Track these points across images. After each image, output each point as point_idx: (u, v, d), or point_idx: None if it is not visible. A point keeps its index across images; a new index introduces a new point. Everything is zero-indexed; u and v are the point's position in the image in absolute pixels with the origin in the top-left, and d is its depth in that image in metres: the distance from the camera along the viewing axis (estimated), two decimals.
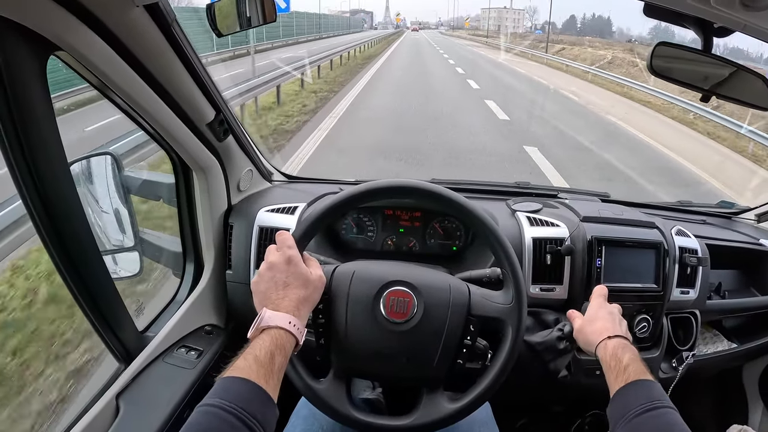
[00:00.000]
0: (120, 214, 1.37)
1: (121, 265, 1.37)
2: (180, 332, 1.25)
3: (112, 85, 0.87)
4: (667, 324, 1.35)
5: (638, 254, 1.29)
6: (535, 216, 1.33)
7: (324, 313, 0.94)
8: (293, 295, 0.84)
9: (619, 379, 0.87)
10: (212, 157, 1.22)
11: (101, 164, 1.37)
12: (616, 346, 0.93)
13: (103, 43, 0.79)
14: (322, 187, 1.53)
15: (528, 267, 1.26)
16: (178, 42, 0.91)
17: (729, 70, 0.95)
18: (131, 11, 0.79)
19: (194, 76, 1.00)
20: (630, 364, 0.88)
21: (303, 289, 0.85)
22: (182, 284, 1.34)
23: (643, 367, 0.88)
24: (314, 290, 0.87)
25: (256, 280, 0.87)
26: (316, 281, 0.88)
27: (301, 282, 0.85)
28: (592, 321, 1.03)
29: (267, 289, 0.85)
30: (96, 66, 0.81)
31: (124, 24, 0.80)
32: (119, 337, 1.09)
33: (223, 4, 0.96)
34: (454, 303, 0.94)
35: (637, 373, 0.86)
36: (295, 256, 0.87)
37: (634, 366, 0.87)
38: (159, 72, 0.92)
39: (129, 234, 1.33)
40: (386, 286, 0.94)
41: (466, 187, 1.64)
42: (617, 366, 0.89)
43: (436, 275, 1.01)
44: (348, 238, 1.42)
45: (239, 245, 1.33)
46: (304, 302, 0.85)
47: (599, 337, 0.97)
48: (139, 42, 0.85)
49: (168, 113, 1.00)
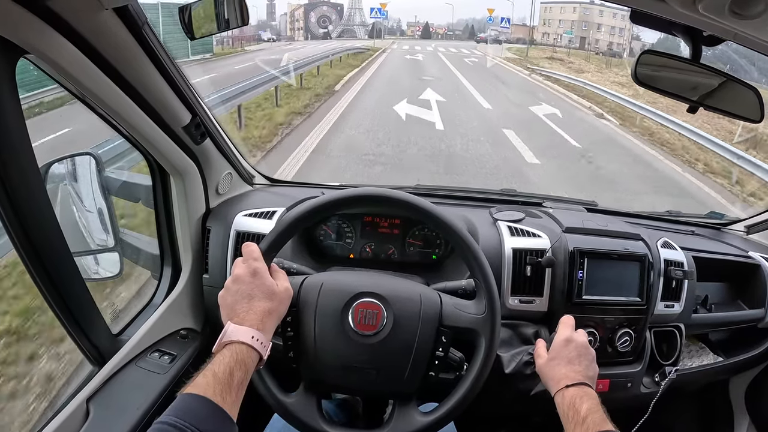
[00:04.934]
0: (100, 214, 1.36)
1: (101, 265, 1.37)
2: (155, 336, 1.24)
3: (82, 89, 0.86)
4: (650, 338, 1.33)
5: (622, 267, 1.26)
6: (516, 226, 1.31)
7: (292, 326, 0.93)
8: (258, 308, 0.83)
9: (577, 430, 0.84)
10: (189, 161, 1.20)
11: (81, 164, 1.36)
12: (574, 395, 0.90)
13: (72, 46, 0.78)
14: (303, 191, 1.52)
15: (507, 278, 1.24)
16: (150, 45, 0.89)
17: (718, 80, 0.94)
18: (100, 14, 0.78)
19: (168, 79, 0.99)
20: (588, 415, 0.85)
21: (268, 302, 0.84)
22: (159, 287, 1.33)
23: (602, 416, 0.86)
24: (280, 303, 0.87)
25: (223, 294, 0.87)
26: (281, 293, 0.87)
27: (266, 294, 0.85)
28: (554, 362, 0.99)
29: (233, 302, 0.84)
30: (65, 70, 0.80)
31: (93, 27, 0.79)
32: (92, 340, 1.08)
33: (200, 7, 0.95)
34: (425, 314, 0.93)
35: (597, 423, 0.84)
36: (261, 269, 0.86)
37: (594, 416, 0.85)
38: (131, 75, 0.91)
39: (109, 235, 1.32)
40: (355, 297, 0.93)
41: (449, 194, 1.63)
42: (575, 417, 0.86)
43: (407, 285, 0.99)
44: (326, 245, 1.40)
45: (216, 249, 1.31)
46: (269, 315, 0.84)
47: (557, 384, 0.94)
48: (110, 45, 0.84)
49: (142, 117, 0.99)
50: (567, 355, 0.98)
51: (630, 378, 1.30)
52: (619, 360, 1.30)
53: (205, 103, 1.17)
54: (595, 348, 1.22)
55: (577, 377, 0.94)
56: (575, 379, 0.93)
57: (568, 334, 1.03)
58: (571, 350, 0.99)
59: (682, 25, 0.85)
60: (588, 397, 0.89)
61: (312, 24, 44.21)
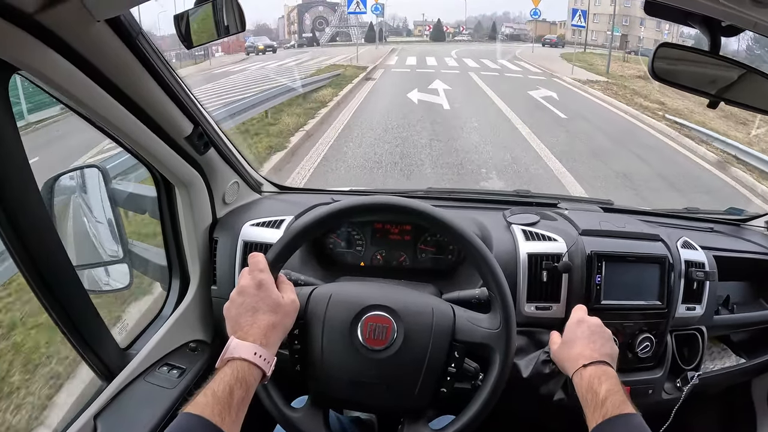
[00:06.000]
0: (108, 226, 1.35)
1: (110, 277, 1.36)
2: (164, 349, 1.23)
3: (78, 104, 0.84)
4: (671, 342, 1.28)
5: (641, 269, 1.22)
6: (531, 229, 1.27)
7: (300, 339, 0.91)
8: (262, 321, 0.81)
9: (596, 415, 0.80)
10: (194, 171, 1.18)
11: (87, 177, 1.36)
12: (592, 375, 0.87)
13: (65, 61, 0.76)
14: (313, 198, 1.49)
15: (523, 284, 1.20)
16: (146, 56, 0.87)
17: (738, 72, 0.89)
18: (92, 27, 0.75)
19: (167, 90, 0.97)
20: (608, 396, 0.81)
21: (272, 315, 0.82)
22: (168, 299, 1.32)
23: (623, 397, 0.82)
24: (285, 316, 0.84)
25: (228, 306, 0.84)
26: (287, 306, 0.85)
27: (270, 307, 0.82)
28: (569, 344, 0.96)
29: (237, 314, 0.82)
30: (60, 85, 0.78)
31: (85, 40, 0.77)
32: (99, 355, 1.07)
33: (199, 14, 0.93)
34: (437, 328, 0.90)
35: (616, 406, 0.80)
36: (266, 280, 0.84)
37: (613, 399, 0.81)
38: (128, 87, 0.89)
39: (117, 246, 1.31)
40: (364, 310, 0.90)
41: (461, 197, 1.60)
42: (594, 399, 0.82)
43: (419, 297, 0.96)
44: (336, 253, 1.37)
45: (224, 260, 1.29)
46: (274, 329, 0.81)
47: (574, 364, 0.90)
48: (104, 58, 0.82)
49: (142, 129, 0.97)
50: (581, 335, 0.96)
51: (651, 384, 1.25)
52: (640, 366, 1.25)
53: (208, 112, 1.15)
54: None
55: (593, 355, 0.90)
56: (592, 357, 0.90)
57: (580, 315, 1.01)
58: (584, 330, 0.97)
59: (699, 16, 0.81)
60: (607, 376, 0.86)
61: (307, 26, 40.12)
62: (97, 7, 0.73)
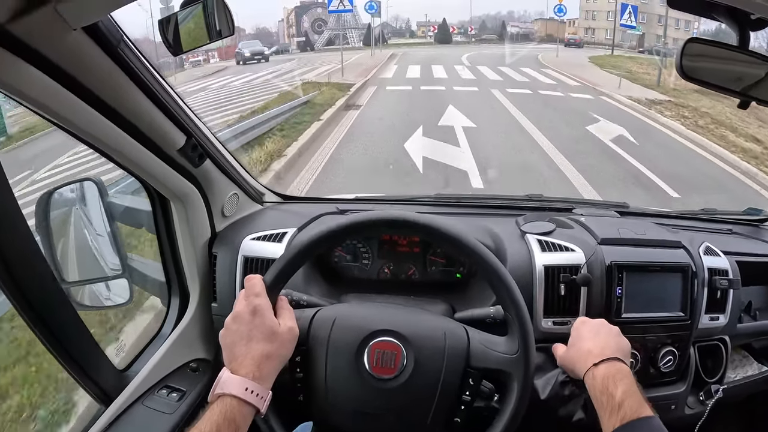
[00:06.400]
0: (106, 240, 1.31)
1: (110, 292, 1.32)
2: (163, 370, 1.17)
3: (59, 119, 0.79)
4: (694, 354, 1.22)
5: (663, 279, 1.16)
6: (547, 239, 1.20)
7: (302, 366, 0.85)
8: (256, 351, 0.75)
9: (613, 419, 0.76)
10: (189, 185, 1.13)
11: (82, 191, 1.32)
12: (606, 375, 0.81)
13: (41, 74, 0.70)
14: (317, 207, 1.43)
15: (539, 298, 1.13)
16: (130, 64, 0.81)
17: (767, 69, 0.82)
18: (68, 36, 0.70)
19: (155, 100, 0.90)
20: (625, 399, 0.76)
21: (267, 344, 0.77)
22: (167, 317, 1.26)
23: (640, 398, 0.77)
24: (281, 345, 0.78)
25: (223, 333, 0.79)
26: (284, 334, 0.79)
27: (265, 336, 0.77)
28: (576, 345, 0.91)
29: (231, 343, 0.77)
30: (36, 100, 0.73)
31: (63, 51, 0.71)
32: (94, 378, 1.02)
33: (190, 18, 0.88)
34: (450, 353, 0.83)
35: (634, 409, 0.75)
36: (261, 306, 0.79)
37: (630, 401, 0.76)
38: (113, 99, 0.83)
39: (116, 261, 1.27)
40: (370, 336, 0.84)
41: (471, 203, 1.53)
42: (610, 402, 0.77)
43: (430, 321, 0.90)
44: (341, 267, 1.31)
45: (224, 276, 1.23)
46: (268, 359, 0.76)
47: (584, 364, 0.85)
48: (84, 69, 0.76)
49: (130, 142, 0.91)
50: (587, 334, 0.91)
51: (674, 400, 1.19)
52: (662, 381, 1.20)
53: (202, 121, 1.09)
54: (636, 370, 1.12)
55: (604, 352, 0.85)
56: (603, 354, 0.85)
57: (582, 318, 0.99)
58: (590, 328, 0.93)
59: (725, 7, 0.76)
60: (622, 375, 0.81)
61: (306, 29, 37.15)
62: (72, 14, 0.67)
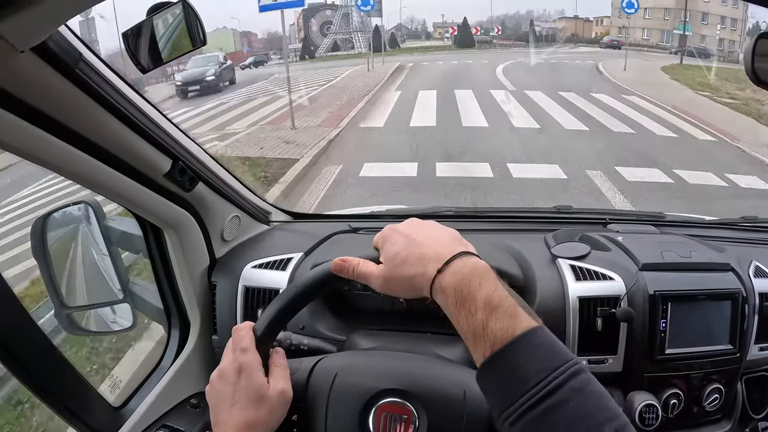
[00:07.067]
0: (105, 265, 1.25)
1: (112, 318, 1.26)
2: (162, 407, 1.09)
3: (20, 154, 0.70)
4: (741, 389, 1.07)
5: (710, 308, 1.01)
6: (581, 265, 1.05)
7: (299, 427, 0.73)
8: (239, 418, 0.65)
9: (481, 347, 0.54)
10: (181, 211, 1.03)
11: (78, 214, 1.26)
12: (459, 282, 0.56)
13: None
14: (329, 226, 1.33)
15: (573, 334, 0.99)
16: (92, 85, 0.71)
17: None
18: (15, 59, 0.60)
19: (128, 123, 0.80)
20: (489, 315, 0.53)
21: (252, 410, 0.65)
22: (167, 349, 1.18)
23: (510, 307, 0.54)
24: (270, 411, 0.67)
25: (208, 390, 0.69)
26: (273, 399, 0.67)
27: (251, 401, 0.66)
28: (398, 256, 0.62)
29: (215, 404, 0.67)
30: None
31: (10, 76, 0.62)
32: (85, 420, 0.93)
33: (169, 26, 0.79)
34: (470, 418, 0.70)
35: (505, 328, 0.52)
36: (248, 364, 0.67)
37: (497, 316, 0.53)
38: (79, 126, 0.74)
39: (116, 286, 1.20)
40: (377, 396, 0.71)
41: (493, 215, 1.40)
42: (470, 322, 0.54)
43: (447, 374, 0.76)
44: (351, 297, 1.18)
45: (224, 307, 1.14)
46: (253, 428, 0.65)
47: (423, 276, 0.59)
48: (41, 95, 0.67)
49: (106, 171, 0.81)
50: (399, 239, 0.64)
51: None
52: (706, 420, 1.06)
53: (191, 140, 1.00)
54: (679, 411, 0.99)
55: (442, 253, 0.59)
56: (440, 256, 0.59)
57: (384, 234, 0.67)
58: (402, 229, 0.65)
59: None
60: (474, 276, 0.56)
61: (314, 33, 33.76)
62: (15, 34, 0.58)
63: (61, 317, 1.17)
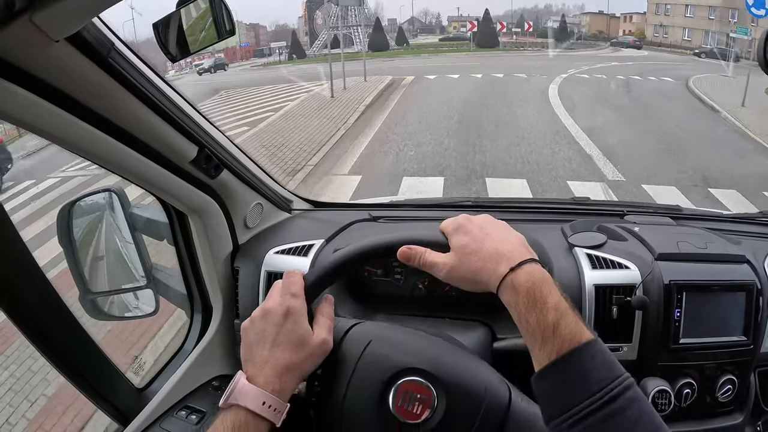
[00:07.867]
0: (129, 251, 1.28)
1: (135, 303, 1.30)
2: (184, 389, 1.12)
3: (52, 139, 0.72)
4: (755, 382, 1.08)
5: (724, 299, 1.02)
6: (597, 254, 1.06)
7: (322, 381, 0.73)
8: (280, 359, 0.66)
9: (548, 348, 0.57)
10: (206, 197, 1.06)
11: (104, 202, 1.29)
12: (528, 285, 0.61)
13: (25, 92, 0.64)
14: (349, 214, 1.34)
15: (589, 322, 1.00)
16: (124, 74, 0.73)
17: None
18: (50, 48, 0.63)
19: (157, 110, 0.83)
20: (560, 318, 0.57)
21: (294, 353, 0.67)
22: (190, 333, 1.21)
23: (575, 317, 0.58)
24: (309, 357, 0.68)
25: (246, 327, 0.70)
26: (314, 347, 0.68)
27: (294, 344, 0.67)
28: (470, 249, 0.66)
29: (253, 341, 0.68)
30: (22, 120, 0.67)
31: (45, 65, 0.64)
32: (109, 399, 0.97)
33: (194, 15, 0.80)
34: (485, 416, 0.69)
35: (572, 332, 0.57)
36: (296, 309, 0.68)
37: (566, 321, 0.57)
38: (110, 113, 0.76)
39: (140, 272, 1.24)
40: (403, 373, 0.71)
41: (513, 206, 1.40)
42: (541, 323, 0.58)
43: (473, 367, 0.75)
44: (371, 283, 1.20)
45: (246, 292, 1.16)
46: (291, 371, 0.66)
47: (494, 272, 0.63)
48: (74, 83, 0.69)
49: (134, 157, 0.84)
50: (476, 231, 0.68)
51: None
52: (719, 411, 1.07)
53: (217, 129, 1.01)
54: (692, 401, 1.00)
55: (515, 252, 0.64)
56: (516, 255, 0.64)
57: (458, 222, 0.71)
58: (479, 224, 0.69)
59: None
60: (546, 282, 0.62)
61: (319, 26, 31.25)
62: (51, 24, 0.59)
63: (86, 302, 1.20)
